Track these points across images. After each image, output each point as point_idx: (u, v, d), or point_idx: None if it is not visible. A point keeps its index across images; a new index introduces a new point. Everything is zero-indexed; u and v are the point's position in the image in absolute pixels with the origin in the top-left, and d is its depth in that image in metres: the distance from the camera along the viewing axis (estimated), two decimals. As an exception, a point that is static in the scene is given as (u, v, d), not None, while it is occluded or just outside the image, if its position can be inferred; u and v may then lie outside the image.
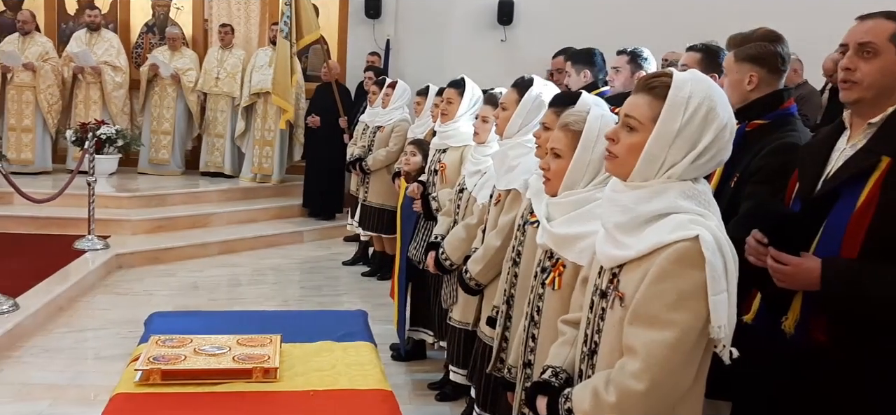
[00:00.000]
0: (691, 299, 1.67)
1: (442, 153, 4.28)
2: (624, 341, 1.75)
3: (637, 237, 1.77)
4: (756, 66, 2.54)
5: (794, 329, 2.08)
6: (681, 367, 1.70)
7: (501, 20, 9.32)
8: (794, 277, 2.00)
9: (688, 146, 1.77)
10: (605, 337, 1.84)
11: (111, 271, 6.35)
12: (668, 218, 1.74)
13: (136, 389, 2.50)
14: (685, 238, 1.68)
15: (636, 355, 1.70)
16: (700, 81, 1.79)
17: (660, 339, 1.68)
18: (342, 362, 2.80)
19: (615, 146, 1.85)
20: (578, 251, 2.22)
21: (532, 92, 3.13)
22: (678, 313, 1.67)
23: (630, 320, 1.74)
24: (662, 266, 1.69)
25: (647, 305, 1.70)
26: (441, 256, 3.60)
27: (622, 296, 1.77)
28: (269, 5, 9.03)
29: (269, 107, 8.43)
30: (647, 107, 1.79)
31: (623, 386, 1.70)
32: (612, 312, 1.81)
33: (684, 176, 1.77)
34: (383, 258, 6.58)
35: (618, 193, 1.85)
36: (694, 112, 1.76)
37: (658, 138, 1.77)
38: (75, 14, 8.85)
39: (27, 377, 4.27)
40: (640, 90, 1.84)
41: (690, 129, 1.76)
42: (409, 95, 6.46)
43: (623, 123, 1.84)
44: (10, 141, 8.23)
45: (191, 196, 8.13)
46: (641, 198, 1.78)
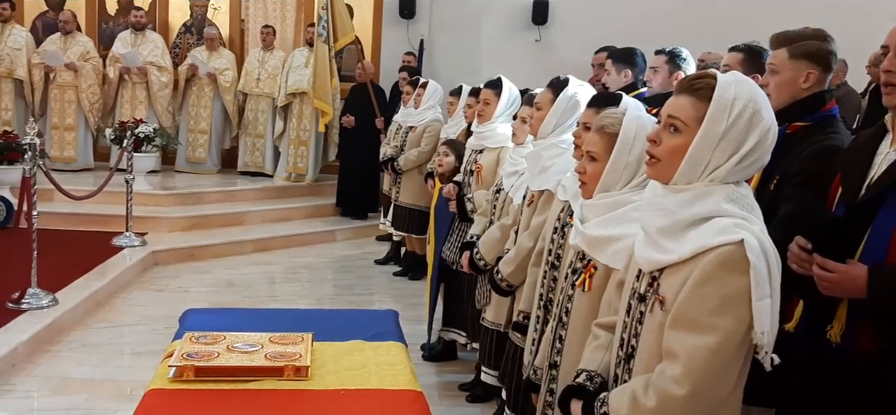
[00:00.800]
0: (734, 304, 1.65)
1: (478, 154, 4.25)
2: (664, 346, 1.73)
3: (679, 241, 1.74)
4: (813, 64, 2.49)
5: (839, 338, 2.03)
6: (722, 372, 1.68)
7: (536, 20, 9.27)
8: (840, 284, 1.95)
9: (732, 149, 1.74)
10: (644, 341, 1.82)
11: (148, 268, 6.44)
12: (711, 222, 1.71)
13: (170, 385, 2.53)
14: (729, 242, 1.65)
15: (677, 359, 1.68)
16: (744, 83, 1.77)
17: (702, 343, 1.65)
18: (373, 362, 2.81)
19: (657, 148, 1.82)
20: (611, 254, 2.19)
21: (567, 92, 3.10)
22: (721, 318, 1.65)
23: (671, 325, 1.72)
24: (706, 270, 1.67)
25: (690, 310, 1.68)
26: (476, 256, 3.59)
27: (663, 300, 1.75)
28: (305, 6, 9.10)
29: (305, 107, 8.49)
30: (692, 108, 1.77)
31: (663, 390, 1.68)
32: (652, 316, 1.79)
33: (727, 179, 1.74)
34: (415, 258, 6.58)
35: (659, 197, 1.82)
36: (739, 114, 1.73)
37: (703, 140, 1.75)
38: (115, 14, 9.01)
39: (65, 371, 4.34)
40: (683, 91, 1.81)
41: (735, 131, 1.73)
42: (440, 95, 6.45)
43: (666, 124, 1.81)
44: (53, 139, 8.39)
45: (226, 195, 8.22)
46: (684, 201, 1.76)
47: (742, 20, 7.52)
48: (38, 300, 4.90)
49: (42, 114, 8.44)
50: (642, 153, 2.18)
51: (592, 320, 2.23)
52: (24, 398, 3.98)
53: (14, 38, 8.39)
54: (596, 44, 6.21)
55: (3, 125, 8.05)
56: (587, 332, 2.22)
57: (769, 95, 2.32)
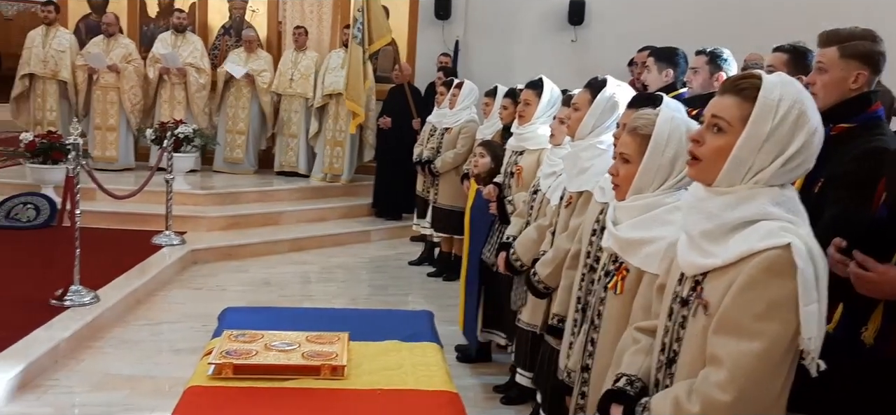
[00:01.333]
0: (781, 309, 1.62)
1: (518, 155, 4.23)
2: (708, 351, 1.70)
3: (723, 245, 1.72)
4: (863, 65, 2.45)
5: (873, 340, 2.00)
6: (768, 379, 1.65)
7: (572, 20, 9.22)
8: (877, 284, 1.92)
9: (777, 151, 1.71)
10: (686, 346, 1.79)
11: (187, 266, 6.54)
12: (756, 225, 1.69)
13: (209, 382, 2.56)
14: (776, 246, 1.63)
15: (722, 365, 1.65)
16: (789, 84, 1.74)
17: (747, 349, 1.63)
18: (408, 362, 2.81)
19: (700, 148, 1.79)
20: (643, 256, 2.18)
21: (605, 93, 3.07)
22: (767, 324, 1.62)
23: (715, 330, 1.69)
24: (751, 275, 1.64)
25: (735, 315, 1.65)
26: (512, 257, 3.58)
27: (706, 304, 1.72)
28: (341, 8, 9.15)
29: (341, 108, 8.54)
30: (737, 108, 1.74)
31: (707, 397, 1.66)
32: (695, 320, 1.77)
33: (771, 182, 1.71)
34: (449, 259, 6.58)
35: (702, 200, 1.79)
36: (785, 115, 1.70)
37: (747, 141, 1.72)
38: (156, 16, 9.16)
39: (106, 367, 4.42)
40: (727, 91, 1.78)
41: (781, 133, 1.70)
42: (476, 96, 6.44)
43: (709, 125, 1.78)
44: (95, 139, 8.55)
45: (263, 195, 8.30)
46: (728, 204, 1.73)
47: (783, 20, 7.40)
48: (81, 298, 5.00)
49: (85, 115, 8.60)
50: (676, 155, 2.18)
51: (624, 324, 2.22)
52: (66, 394, 4.06)
53: (58, 41, 8.58)
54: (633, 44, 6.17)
55: (47, 126, 8.24)
56: (619, 335, 2.21)
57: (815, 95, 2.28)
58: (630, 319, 2.20)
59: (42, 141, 7.15)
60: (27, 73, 8.59)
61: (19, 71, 8.66)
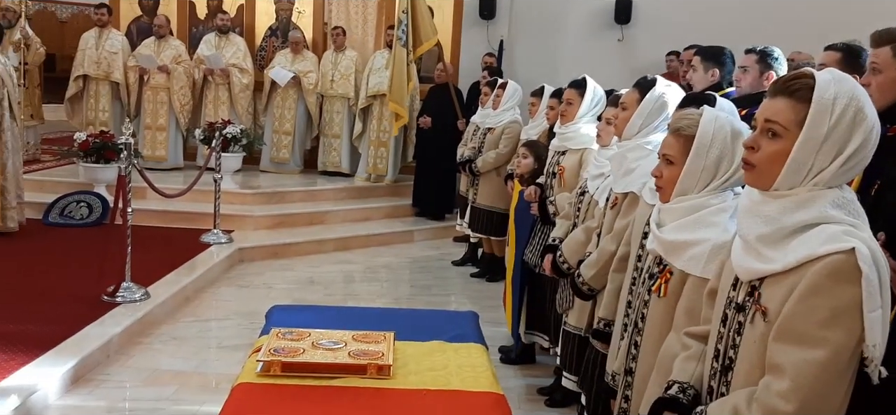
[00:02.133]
0: (845, 316, 1.57)
1: (561, 155, 4.20)
2: (769, 359, 1.65)
3: (782, 250, 1.67)
4: None
5: None
6: (832, 387, 1.60)
7: (619, 19, 9.13)
8: None
9: (835, 151, 1.66)
10: (743, 353, 1.74)
11: (234, 264, 6.64)
12: (817, 229, 1.64)
13: (258, 379, 2.59)
14: (839, 251, 1.58)
15: (783, 373, 1.60)
16: (843, 81, 1.68)
17: (810, 358, 1.58)
18: (454, 363, 2.81)
19: (755, 155, 1.74)
20: (687, 259, 2.14)
21: (654, 92, 3.02)
22: (831, 331, 1.57)
23: (776, 337, 1.64)
24: (814, 280, 1.59)
25: (797, 322, 1.61)
26: (559, 259, 3.55)
27: (765, 311, 1.68)
28: (386, 9, 9.20)
29: (385, 108, 8.59)
30: (791, 111, 1.68)
31: (769, 406, 1.61)
32: (752, 327, 1.72)
33: (831, 183, 1.66)
34: (492, 260, 6.56)
35: (758, 203, 1.75)
36: (841, 114, 1.65)
37: (805, 144, 1.66)
38: (205, 18, 9.32)
39: (156, 363, 4.51)
40: (778, 93, 1.73)
41: (838, 132, 1.65)
42: (520, 96, 6.41)
43: (763, 130, 1.73)
44: (145, 139, 8.75)
45: (308, 194, 8.39)
46: (786, 208, 1.68)
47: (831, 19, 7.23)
48: (132, 294, 5.11)
49: (136, 115, 8.80)
50: (721, 155, 2.14)
51: (668, 327, 2.18)
52: (117, 388, 4.15)
53: (111, 43, 8.79)
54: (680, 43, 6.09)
55: (100, 126, 8.45)
56: (662, 338, 2.18)
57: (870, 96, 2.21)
58: (674, 322, 2.17)
59: (95, 141, 7.33)
60: (81, 75, 8.82)
61: (73, 72, 8.90)
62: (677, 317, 2.14)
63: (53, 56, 12.06)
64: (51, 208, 7.23)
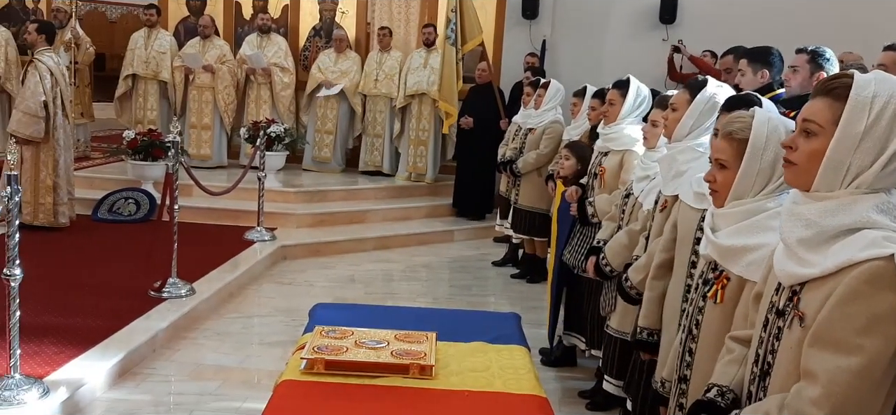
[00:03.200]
0: (884, 324, 1.52)
1: (603, 156, 4.16)
2: (802, 365, 1.62)
3: (822, 254, 1.63)
4: None
5: None
6: (865, 397, 1.55)
7: (663, 19, 9.01)
8: None
9: (875, 151, 1.61)
10: (780, 358, 1.71)
11: (276, 262, 6.71)
12: (858, 234, 1.59)
13: (302, 376, 2.61)
14: (879, 257, 1.53)
15: (816, 380, 1.57)
16: (886, 80, 1.64)
17: (845, 365, 1.53)
18: (496, 365, 2.80)
19: (794, 154, 1.72)
20: (745, 264, 2.09)
21: (705, 93, 2.97)
22: (867, 339, 1.53)
23: (811, 343, 1.60)
24: (852, 286, 1.55)
25: (833, 328, 1.57)
26: (602, 261, 3.51)
27: (802, 316, 1.64)
28: (429, 8, 9.21)
29: (424, 107, 8.61)
30: (828, 109, 1.66)
31: (800, 413, 1.58)
32: (790, 332, 1.68)
33: (875, 186, 1.61)
34: (533, 261, 6.53)
35: (799, 206, 1.71)
36: (880, 113, 1.60)
37: (840, 142, 1.63)
38: (250, 19, 9.44)
39: (200, 358, 4.58)
40: (818, 93, 1.71)
41: (877, 131, 1.60)
42: (562, 96, 6.36)
43: (801, 129, 1.71)
44: (191, 138, 8.89)
45: (349, 193, 8.45)
46: (827, 210, 1.64)
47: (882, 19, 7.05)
48: (177, 290, 5.19)
49: (182, 113, 8.95)
50: (776, 157, 2.09)
51: (725, 334, 2.13)
52: (162, 382, 4.22)
53: (159, 43, 8.96)
54: (727, 43, 5.97)
55: (148, 124, 8.62)
56: (719, 346, 2.13)
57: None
58: (732, 329, 2.12)
59: (143, 139, 7.48)
60: (130, 74, 9.00)
61: (123, 71, 9.09)
62: (735, 323, 2.10)
63: (103, 55, 12.33)
64: (100, 205, 7.39)
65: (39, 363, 3.91)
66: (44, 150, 6.43)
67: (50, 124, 6.36)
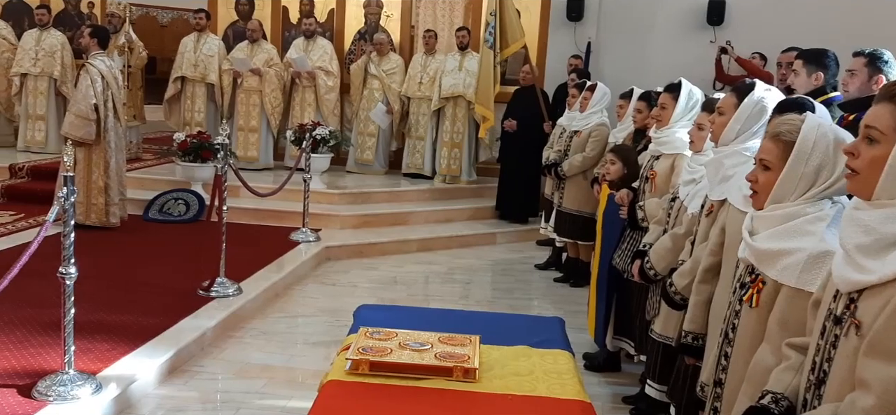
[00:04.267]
0: None
1: (655, 160, 4.12)
2: (857, 374, 1.58)
3: (881, 261, 1.60)
4: None
5: None
6: None
7: (711, 20, 8.88)
8: None
9: None
10: (836, 367, 1.68)
11: (321, 262, 6.78)
12: None
13: (347, 377, 2.64)
14: None
15: (870, 390, 1.53)
16: None
17: None
18: (540, 369, 2.79)
19: (855, 161, 1.69)
20: (781, 268, 2.07)
21: (753, 96, 2.92)
22: None
23: (866, 351, 1.57)
24: None
25: (889, 338, 1.53)
26: (646, 265, 3.48)
27: (859, 324, 1.61)
28: (473, 11, 9.22)
29: (458, 110, 8.62)
30: (890, 116, 1.63)
31: None
32: (846, 340, 1.65)
33: None
34: (577, 265, 6.48)
35: (860, 211, 1.69)
36: None
37: None
38: (297, 23, 9.56)
39: (246, 357, 4.65)
40: (882, 99, 1.68)
41: None
42: (608, 99, 6.30)
43: (863, 135, 1.68)
44: (238, 140, 9.03)
45: (392, 195, 8.50)
46: (887, 217, 1.61)
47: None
48: (225, 289, 5.28)
49: (230, 116, 9.10)
50: (821, 164, 2.08)
51: (759, 338, 2.13)
52: (210, 380, 4.30)
53: (208, 46, 9.13)
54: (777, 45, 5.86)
55: (195, 126, 8.78)
56: (753, 350, 2.13)
57: None
58: (766, 333, 2.11)
59: (193, 141, 7.63)
60: (179, 77, 9.18)
61: (172, 74, 9.28)
62: (770, 328, 2.08)
63: (154, 59, 12.60)
64: (151, 205, 7.56)
65: (92, 360, 4.01)
66: (95, 151, 6.60)
67: (101, 127, 6.53)
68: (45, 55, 9.18)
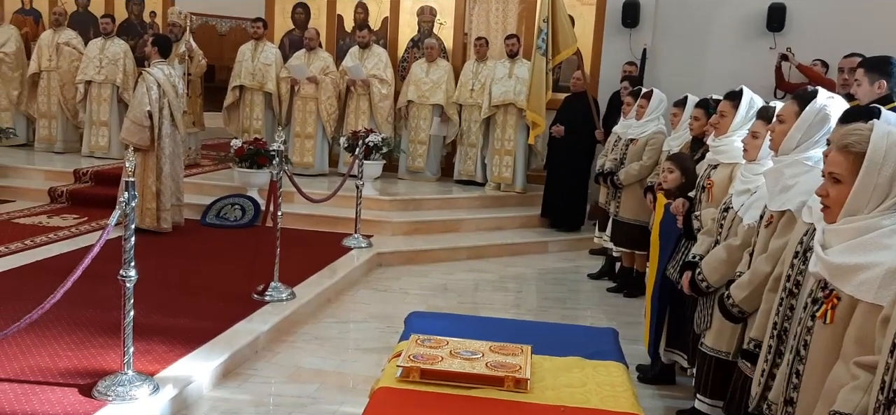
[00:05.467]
0: None
1: (712, 169, 4.03)
2: None
3: None
4: None
5: None
6: None
7: (771, 26, 8.66)
8: None
9: None
10: None
11: (372, 269, 6.83)
12: None
13: (398, 384, 2.64)
14: None
15: None
16: None
17: None
18: (593, 381, 2.75)
19: None
20: (857, 284, 2.00)
21: (815, 105, 2.84)
22: None
23: None
24: None
25: None
26: (697, 276, 3.40)
27: None
28: (526, 18, 9.18)
29: (509, 117, 8.59)
30: None
31: None
32: None
33: None
34: (630, 275, 6.39)
35: None
36: None
37: None
38: (352, 31, 9.66)
39: (299, 361, 4.70)
40: None
41: None
42: (665, 107, 6.20)
43: None
44: (295, 146, 9.16)
45: (444, 202, 8.51)
46: None
47: None
48: (279, 294, 5.35)
49: (287, 123, 9.24)
50: (894, 173, 2.00)
51: (834, 356, 2.05)
52: (263, 383, 4.35)
53: (265, 55, 9.30)
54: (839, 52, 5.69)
55: (253, 133, 8.95)
56: (828, 368, 2.05)
57: None
58: (842, 351, 2.03)
59: (249, 147, 7.77)
60: (237, 85, 9.37)
61: (231, 82, 9.48)
62: (846, 345, 2.01)
63: (213, 67, 12.89)
64: (208, 210, 7.72)
65: (150, 361, 4.10)
66: (150, 157, 6.76)
67: (154, 133, 6.69)
68: (109, 63, 9.47)
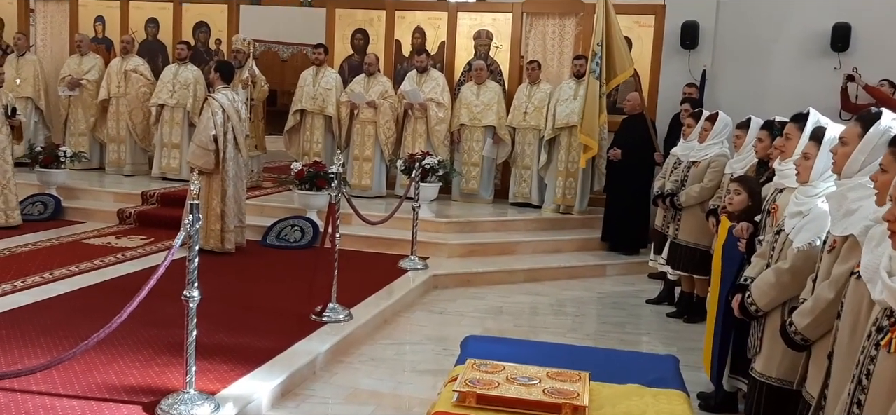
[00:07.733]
0: None
1: (778, 193, 3.95)
2: None
3: None
4: None
5: None
6: None
7: (835, 46, 8.43)
8: None
9: None
10: None
11: (428, 290, 6.85)
12: None
13: (454, 409, 2.64)
14: None
15: None
16: None
17: None
18: (653, 409, 2.71)
19: None
20: None
21: (879, 126, 2.75)
22: None
23: None
24: None
25: None
26: (747, 299, 3.33)
27: None
28: (583, 40, 9.15)
29: (573, 139, 8.54)
30: None
31: None
32: None
33: None
34: (690, 300, 6.26)
35: None
36: None
37: None
38: (409, 56, 9.78)
39: (356, 382, 4.73)
40: None
41: None
42: (730, 130, 6.08)
43: None
44: (353, 169, 9.29)
45: (500, 224, 8.50)
46: None
47: None
48: (337, 314, 5.42)
49: (346, 146, 9.38)
50: None
51: None
52: (320, 404, 4.40)
53: (326, 80, 9.48)
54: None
55: (313, 156, 9.11)
56: (891, 398, 1.99)
57: None
58: None
59: (309, 170, 7.92)
60: (299, 109, 9.57)
61: (292, 107, 9.68)
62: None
63: (275, 91, 13.20)
64: (269, 231, 7.88)
65: (211, 380, 4.19)
66: (214, 180, 6.96)
67: (219, 157, 6.88)
68: (181, 87, 9.81)
